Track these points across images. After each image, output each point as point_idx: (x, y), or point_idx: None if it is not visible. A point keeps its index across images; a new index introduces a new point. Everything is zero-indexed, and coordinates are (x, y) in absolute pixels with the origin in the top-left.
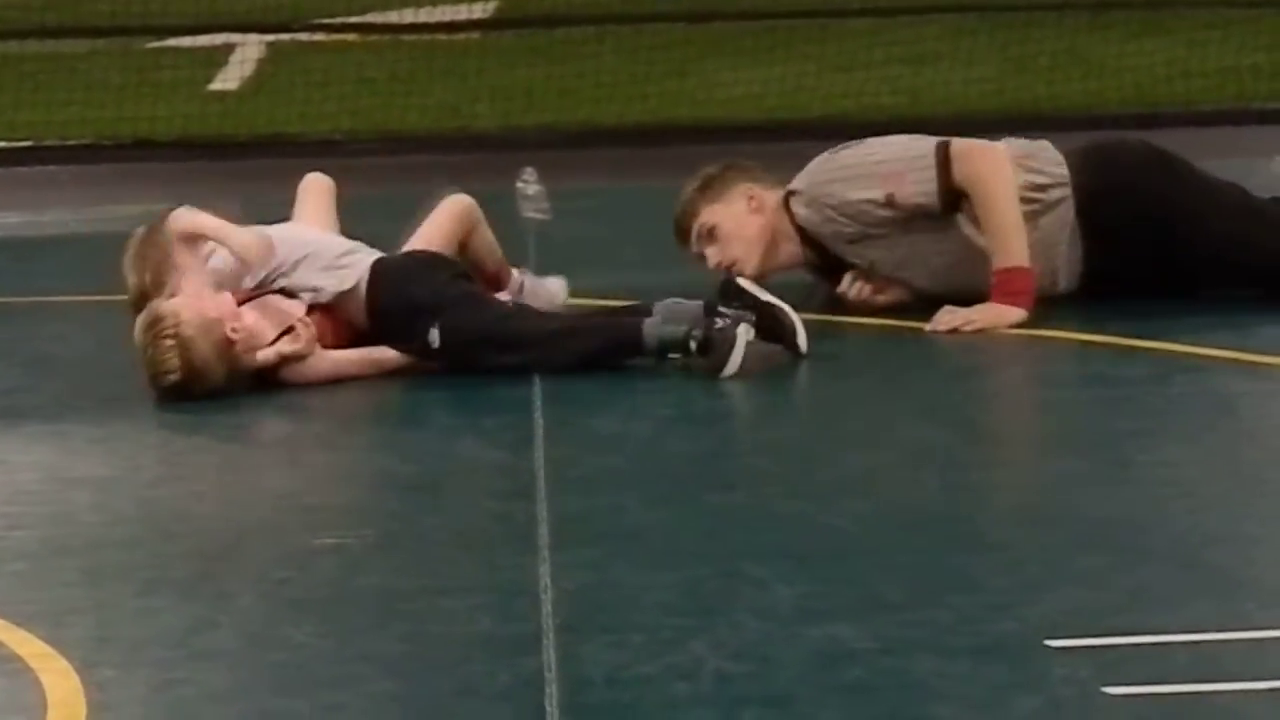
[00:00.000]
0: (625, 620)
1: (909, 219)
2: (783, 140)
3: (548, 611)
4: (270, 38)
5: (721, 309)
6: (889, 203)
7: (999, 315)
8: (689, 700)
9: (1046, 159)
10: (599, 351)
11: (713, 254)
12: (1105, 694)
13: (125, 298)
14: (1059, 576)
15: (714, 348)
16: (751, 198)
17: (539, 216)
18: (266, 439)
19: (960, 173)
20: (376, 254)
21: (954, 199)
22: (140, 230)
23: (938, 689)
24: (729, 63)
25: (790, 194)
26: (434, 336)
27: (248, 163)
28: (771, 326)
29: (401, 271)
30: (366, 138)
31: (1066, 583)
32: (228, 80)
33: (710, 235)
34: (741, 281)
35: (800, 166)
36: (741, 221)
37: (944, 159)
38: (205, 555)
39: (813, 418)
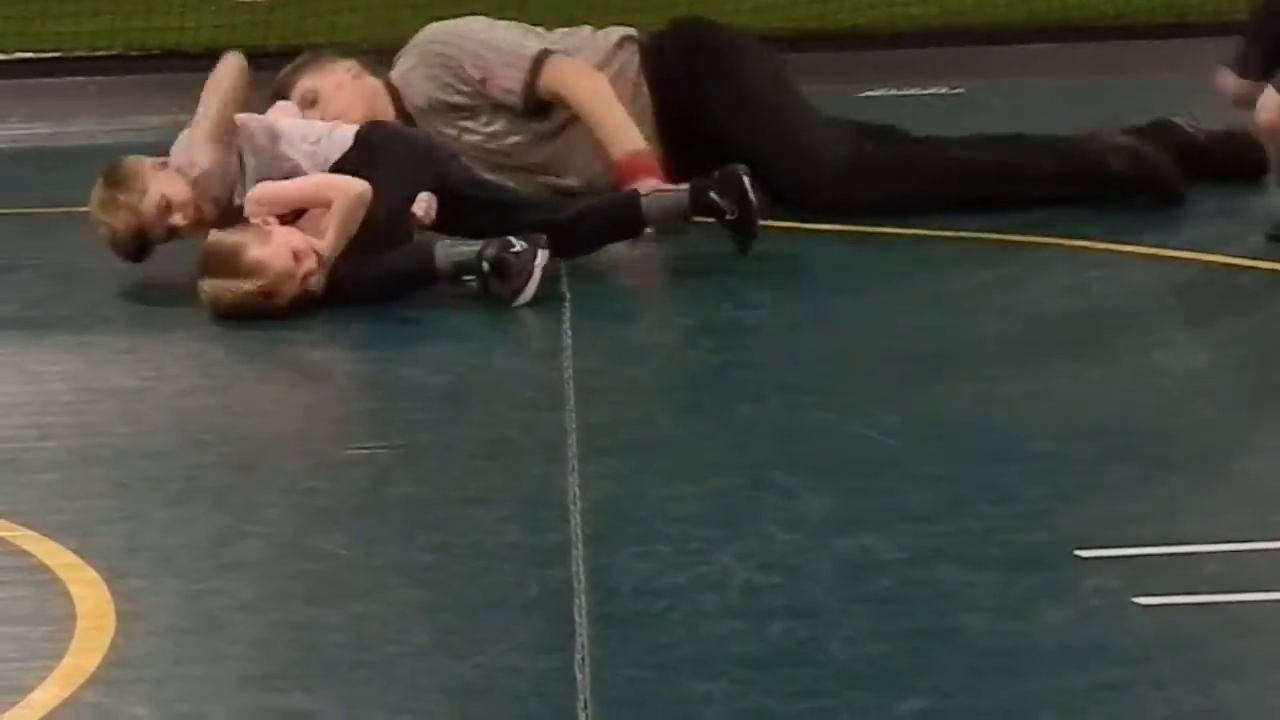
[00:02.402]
0: (654, 531)
1: (498, 105)
2: (811, 50)
3: (576, 522)
4: None
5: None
6: (481, 84)
7: None
8: (717, 611)
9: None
10: (391, 280)
11: (312, 114)
12: (1136, 604)
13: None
14: (1089, 487)
15: (510, 272)
16: (350, 69)
17: None
18: (296, 350)
19: (545, 82)
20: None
21: (539, 105)
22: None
23: (967, 599)
24: None
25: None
26: None
27: (276, 74)
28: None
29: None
30: (397, 48)
31: (1096, 493)
32: None
33: (313, 102)
34: (745, 177)
35: (828, 77)
36: (341, 84)
37: (535, 68)
38: (234, 465)
39: (838, 328)
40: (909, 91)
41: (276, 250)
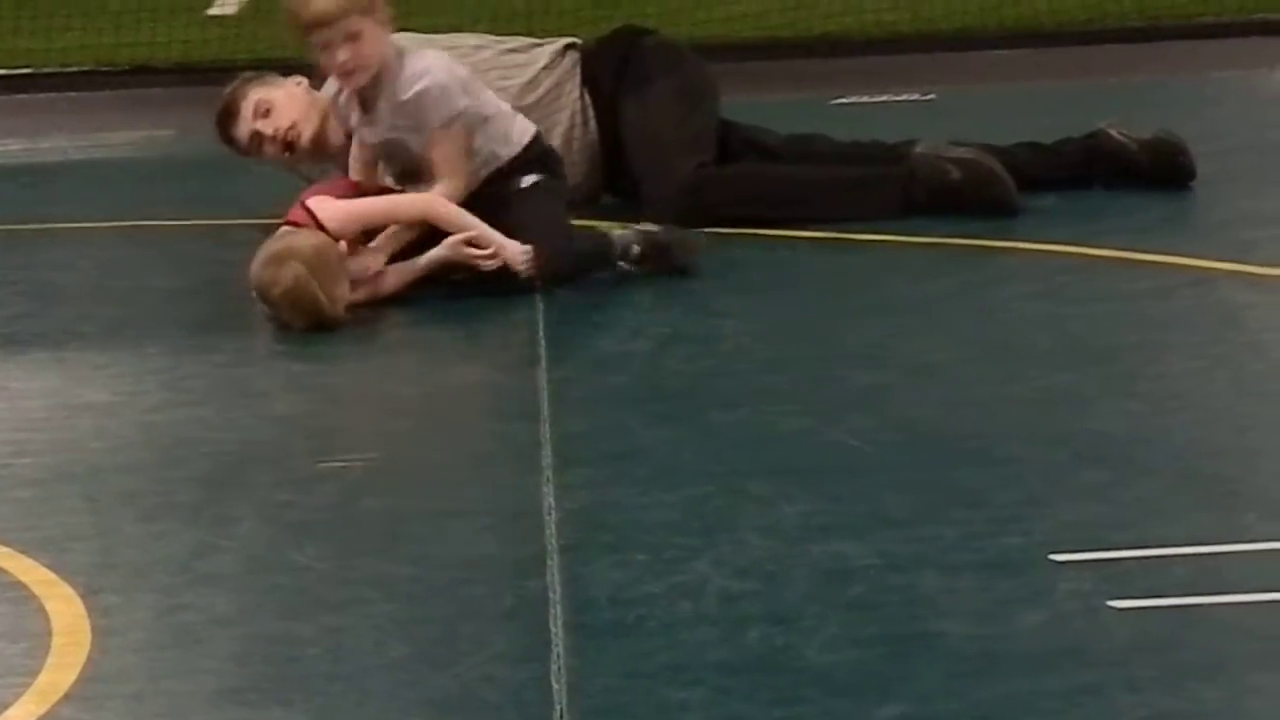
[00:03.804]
0: (629, 540)
1: None
2: (783, 58)
3: (551, 532)
4: None
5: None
6: None
7: None
8: (693, 619)
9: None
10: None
11: (266, 125)
12: (1110, 607)
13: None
14: (1063, 491)
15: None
16: (299, 82)
17: None
18: (270, 363)
19: None
20: None
21: None
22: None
23: (943, 605)
24: None
25: None
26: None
27: None
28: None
29: None
30: None
31: (1070, 497)
32: (227, 4)
33: (266, 113)
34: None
35: (800, 84)
36: (293, 94)
37: None
38: (208, 480)
39: (811, 334)
40: (881, 98)
41: (335, 321)
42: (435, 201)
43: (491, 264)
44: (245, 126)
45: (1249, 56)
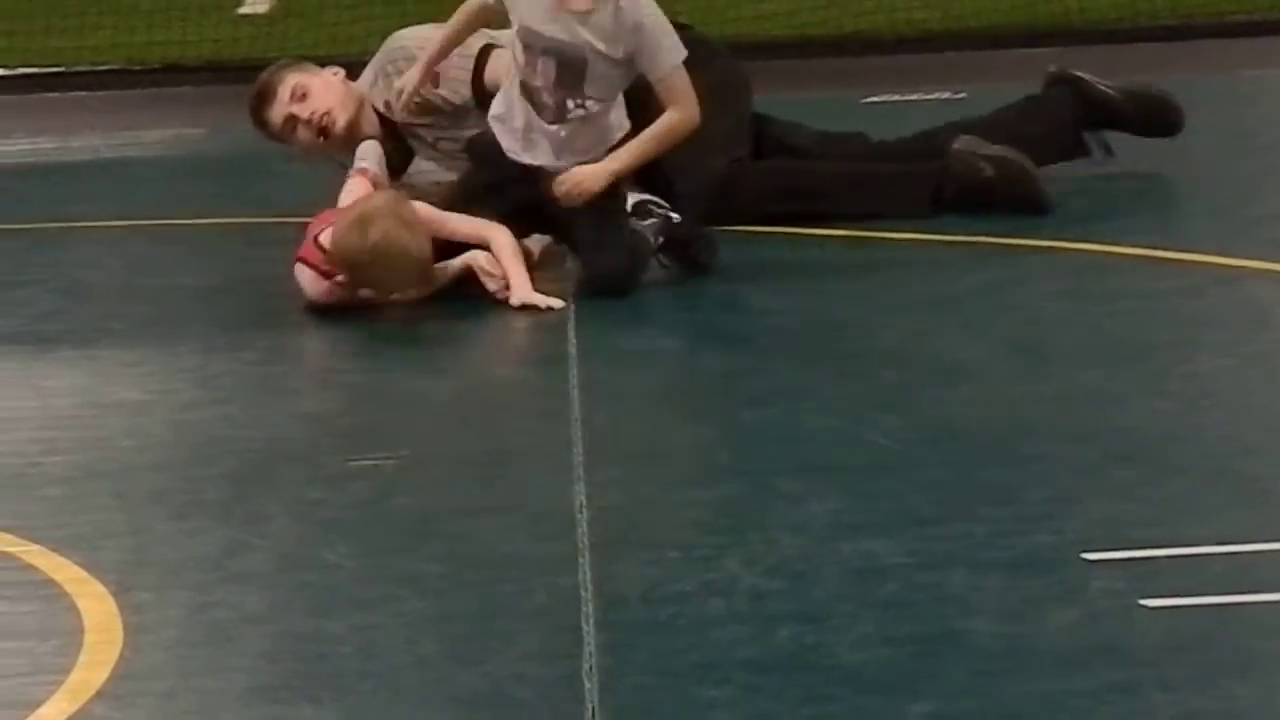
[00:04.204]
0: (660, 538)
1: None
2: (814, 56)
3: (583, 530)
4: None
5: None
6: (434, 83)
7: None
8: (724, 617)
9: None
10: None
11: (302, 109)
12: (1142, 606)
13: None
14: (1093, 489)
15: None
16: (335, 72)
17: None
18: (301, 361)
19: (490, 76)
20: None
21: (487, 98)
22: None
23: (973, 603)
24: None
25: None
26: None
27: None
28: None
29: None
30: None
31: (1101, 495)
32: (257, 3)
33: (302, 97)
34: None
35: (831, 82)
36: (330, 82)
37: (480, 62)
38: (239, 478)
39: (840, 332)
40: (912, 96)
41: (428, 273)
42: (497, 228)
43: (493, 287)
44: (280, 109)
45: None
